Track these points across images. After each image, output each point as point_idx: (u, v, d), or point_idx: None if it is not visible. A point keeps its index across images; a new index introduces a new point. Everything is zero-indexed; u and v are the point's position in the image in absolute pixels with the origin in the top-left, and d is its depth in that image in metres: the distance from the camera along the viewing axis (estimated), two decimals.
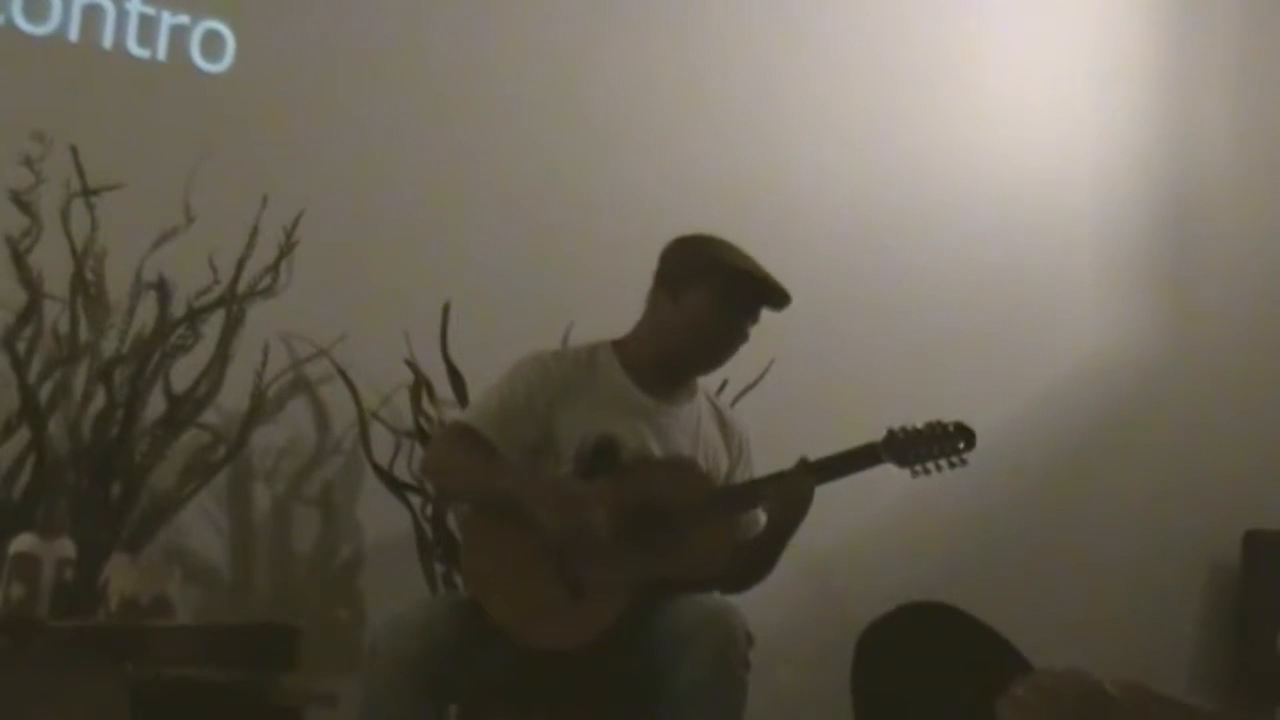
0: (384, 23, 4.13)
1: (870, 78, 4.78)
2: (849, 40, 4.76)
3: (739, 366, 3.69)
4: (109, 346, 3.55)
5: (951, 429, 3.22)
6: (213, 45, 3.93)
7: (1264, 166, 5.44)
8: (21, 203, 3.42)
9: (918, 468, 3.22)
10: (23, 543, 3.18)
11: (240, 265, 3.62)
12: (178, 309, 3.57)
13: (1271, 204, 5.44)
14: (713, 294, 3.25)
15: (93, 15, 3.82)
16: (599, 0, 4.45)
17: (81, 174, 3.46)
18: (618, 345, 3.36)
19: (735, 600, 3.19)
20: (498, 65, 4.25)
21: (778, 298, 3.28)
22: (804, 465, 3.21)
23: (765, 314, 3.34)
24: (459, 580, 3.65)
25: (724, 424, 3.42)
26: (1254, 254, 5.39)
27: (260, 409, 3.73)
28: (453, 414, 3.76)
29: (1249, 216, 5.41)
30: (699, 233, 3.35)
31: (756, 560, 3.29)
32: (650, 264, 3.33)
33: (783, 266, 3.34)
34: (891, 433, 3.22)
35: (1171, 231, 5.31)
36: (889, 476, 3.26)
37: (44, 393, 3.47)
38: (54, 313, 3.51)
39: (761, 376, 4.03)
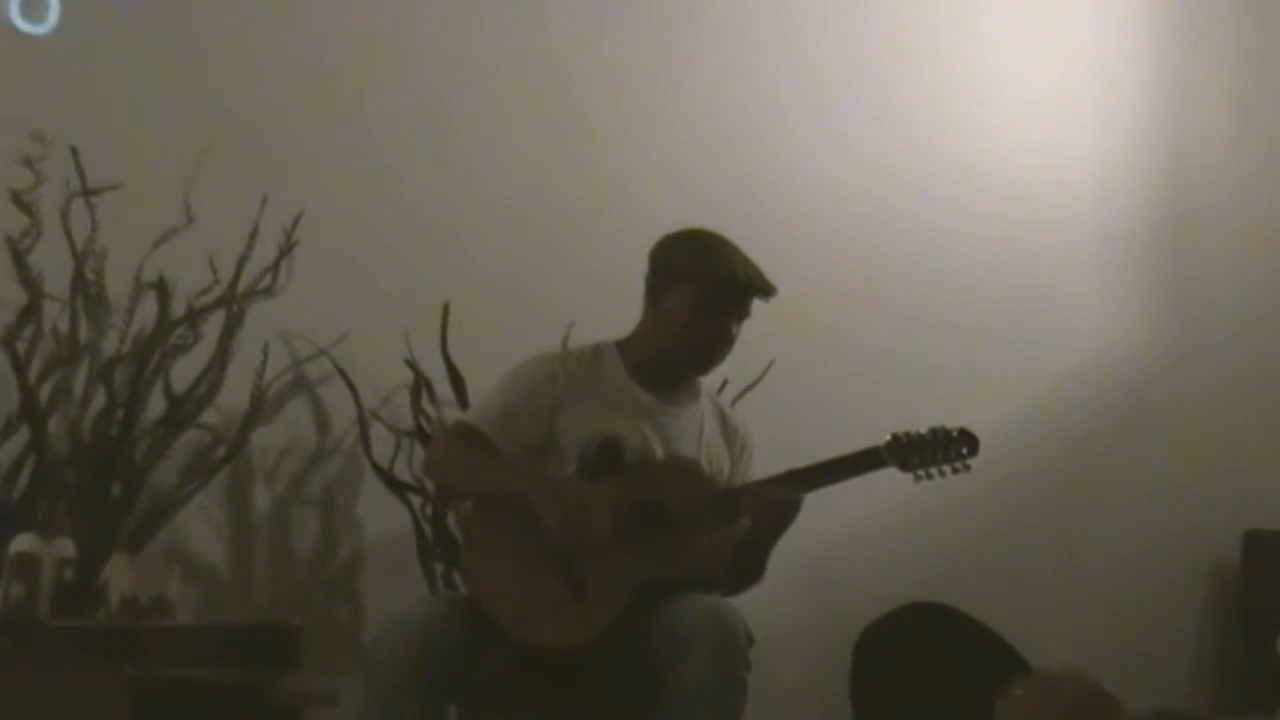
0: (383, 23, 4.13)
1: (870, 78, 4.78)
2: (848, 41, 4.76)
3: (739, 366, 3.69)
4: (109, 346, 3.55)
5: (955, 434, 3.21)
6: (33, 4, 3.69)
7: (1264, 166, 5.43)
8: (21, 203, 3.42)
9: (920, 472, 3.22)
10: (23, 543, 3.18)
11: (240, 265, 3.61)
12: (178, 309, 3.57)
13: (1271, 204, 5.43)
14: (690, 298, 3.25)
15: None
16: (600, 1, 4.44)
17: (81, 174, 3.46)
18: (621, 345, 3.36)
19: (735, 600, 3.19)
20: (499, 67, 4.24)
21: (758, 294, 3.28)
22: (792, 475, 3.20)
23: (764, 314, 3.34)
24: (459, 580, 3.66)
25: (726, 425, 3.42)
26: (1254, 254, 5.39)
27: (260, 409, 3.72)
28: (453, 414, 3.76)
29: (1249, 216, 5.41)
30: (685, 229, 3.34)
31: (738, 567, 3.28)
32: None
33: (782, 266, 3.34)
34: (895, 437, 3.21)
35: (1171, 231, 5.30)
36: (889, 477, 3.26)
37: (44, 393, 3.47)
38: (54, 313, 3.51)
39: (761, 376, 4.03)
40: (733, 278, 3.24)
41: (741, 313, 3.29)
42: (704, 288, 3.25)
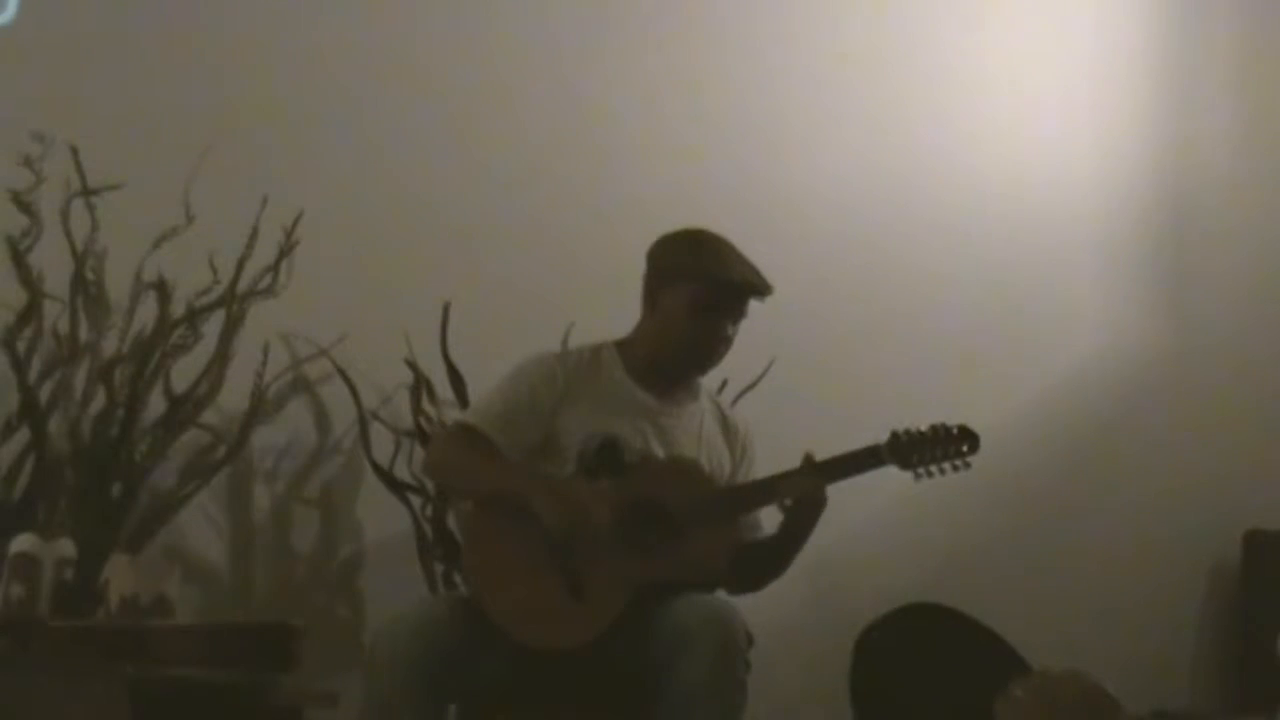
0: (384, 23, 4.13)
1: (870, 79, 4.78)
2: (849, 42, 4.76)
3: (739, 366, 3.70)
4: (109, 346, 3.55)
5: (955, 432, 3.22)
6: None
7: (1264, 166, 5.43)
8: (21, 203, 3.41)
9: (920, 470, 3.22)
10: (23, 543, 3.18)
11: (240, 265, 3.61)
12: (178, 309, 3.57)
13: (1271, 204, 5.43)
14: (685, 299, 3.26)
15: None
16: (600, 0, 4.44)
17: (81, 174, 3.46)
18: (621, 345, 3.37)
19: (735, 600, 3.19)
20: (499, 67, 4.25)
21: (753, 294, 3.27)
22: (812, 466, 3.20)
23: (764, 314, 3.34)
24: (459, 580, 3.66)
25: (726, 424, 3.42)
26: (1254, 254, 5.39)
27: (260, 409, 3.72)
28: (453, 414, 3.76)
29: (1248, 216, 5.41)
30: (682, 229, 3.34)
31: (771, 562, 3.29)
32: None
33: (783, 267, 3.35)
34: (895, 435, 3.22)
35: (1171, 232, 5.30)
36: (889, 477, 3.26)
37: (44, 393, 3.47)
38: (54, 313, 3.51)
39: (761, 376, 4.03)
40: (727, 278, 3.24)
41: (737, 313, 3.29)
42: (699, 288, 3.25)
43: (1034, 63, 5.08)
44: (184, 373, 3.59)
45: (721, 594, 3.24)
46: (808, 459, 3.22)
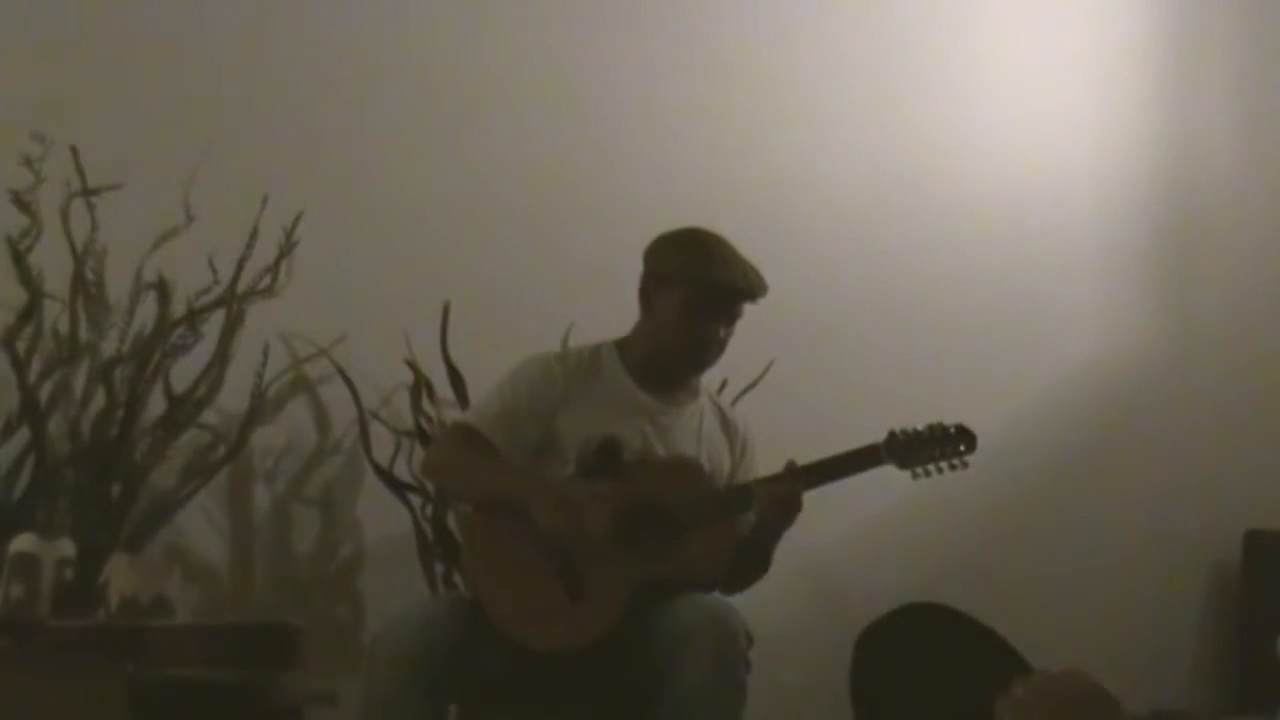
0: (383, 22, 4.13)
1: (870, 80, 4.78)
2: (849, 43, 4.75)
3: (739, 366, 3.70)
4: (109, 346, 3.56)
5: (953, 431, 3.22)
6: None
7: (1264, 167, 5.43)
8: (21, 203, 3.42)
9: (918, 470, 3.22)
10: (23, 543, 3.18)
11: (240, 265, 3.62)
12: (178, 309, 3.57)
13: (1271, 204, 5.43)
14: (677, 301, 3.25)
15: None
16: (600, 0, 4.45)
17: (81, 174, 3.46)
18: (620, 345, 3.37)
19: (735, 600, 3.19)
20: (498, 66, 4.24)
21: (743, 298, 3.27)
22: (793, 471, 3.21)
23: (764, 314, 3.34)
24: (459, 580, 3.66)
25: (726, 424, 3.42)
26: (1254, 254, 5.39)
27: (260, 409, 3.72)
28: (453, 414, 3.76)
29: (1249, 217, 5.40)
30: (678, 229, 3.34)
31: (744, 563, 3.28)
32: None
33: (782, 267, 3.35)
34: (893, 434, 3.22)
35: (1171, 232, 5.30)
36: (889, 477, 3.26)
37: (44, 393, 3.47)
38: (54, 313, 3.51)
39: (761, 376, 4.03)
40: (715, 281, 3.23)
41: (729, 315, 3.28)
42: (689, 291, 3.24)
43: (1034, 64, 5.07)
44: (184, 373, 3.59)
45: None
46: (790, 465, 3.22)
